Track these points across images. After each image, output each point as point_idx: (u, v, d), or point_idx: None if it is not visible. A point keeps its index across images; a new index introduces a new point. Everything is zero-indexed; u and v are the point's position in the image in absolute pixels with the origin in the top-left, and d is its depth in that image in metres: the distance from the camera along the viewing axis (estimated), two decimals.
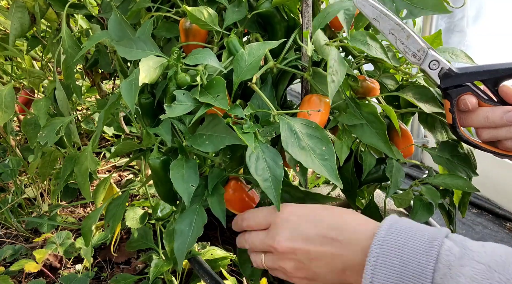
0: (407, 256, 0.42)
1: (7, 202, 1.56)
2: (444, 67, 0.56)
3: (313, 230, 0.48)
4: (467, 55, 0.70)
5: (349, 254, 0.46)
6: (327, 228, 0.47)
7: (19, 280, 1.33)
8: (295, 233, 0.48)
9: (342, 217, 0.48)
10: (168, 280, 1.20)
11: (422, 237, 0.43)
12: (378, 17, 0.54)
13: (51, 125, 0.85)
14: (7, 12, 0.96)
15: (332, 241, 0.47)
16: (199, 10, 0.58)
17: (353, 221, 0.48)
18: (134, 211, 1.19)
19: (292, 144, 0.50)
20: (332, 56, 0.54)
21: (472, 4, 1.47)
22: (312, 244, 0.47)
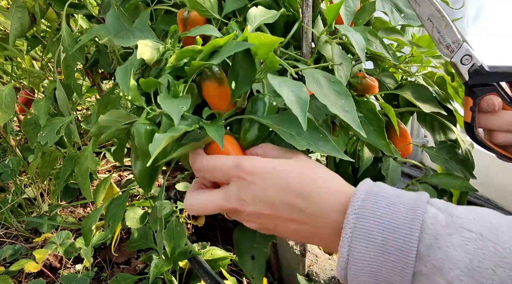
0: (388, 228, 0.37)
1: (7, 202, 1.56)
2: (475, 64, 0.53)
3: (279, 197, 0.42)
4: None
5: (318, 227, 0.42)
6: (295, 196, 0.42)
7: (19, 280, 1.33)
8: (260, 198, 0.43)
9: (312, 184, 0.42)
10: (168, 280, 1.20)
11: (402, 205, 0.38)
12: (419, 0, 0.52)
13: (51, 125, 0.85)
14: (7, 12, 0.96)
15: (300, 211, 0.42)
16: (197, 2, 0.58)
17: (323, 190, 0.42)
18: (134, 211, 1.19)
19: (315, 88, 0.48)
20: (336, 52, 0.55)
21: (472, 4, 1.47)
22: (278, 212, 0.43)
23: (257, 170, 0.43)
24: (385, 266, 0.37)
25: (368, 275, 0.38)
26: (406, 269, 0.36)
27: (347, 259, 0.39)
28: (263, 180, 0.43)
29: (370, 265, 0.38)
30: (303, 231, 0.43)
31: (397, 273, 0.37)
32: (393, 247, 0.37)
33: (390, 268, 0.37)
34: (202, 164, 0.46)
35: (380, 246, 0.37)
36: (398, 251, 0.36)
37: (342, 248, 0.39)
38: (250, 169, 0.43)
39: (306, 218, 0.42)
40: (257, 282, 0.58)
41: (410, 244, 0.36)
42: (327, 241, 0.43)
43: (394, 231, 0.37)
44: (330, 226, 0.42)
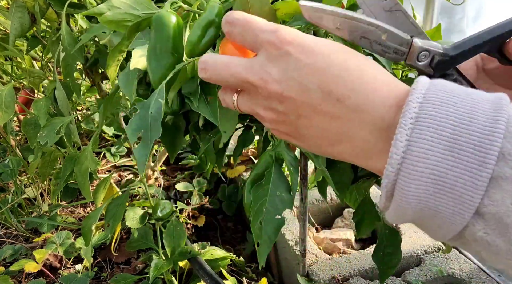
0: (462, 119, 0.28)
1: (7, 202, 1.56)
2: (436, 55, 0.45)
3: (314, 78, 0.33)
4: None
5: (354, 124, 0.33)
6: (337, 82, 0.32)
7: (19, 280, 1.33)
8: (290, 74, 0.33)
9: (358, 70, 0.33)
10: (168, 280, 1.20)
11: (480, 96, 0.29)
12: (342, 24, 0.42)
13: (51, 125, 0.86)
14: (7, 12, 0.96)
15: (337, 101, 0.33)
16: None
17: (372, 79, 0.33)
18: (134, 211, 1.19)
19: None
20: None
21: (472, 5, 1.48)
22: (308, 98, 0.33)
23: (297, 40, 0.34)
24: (453, 167, 0.28)
25: (427, 181, 0.28)
26: (482, 171, 0.27)
27: (402, 157, 0.29)
28: (301, 53, 0.33)
29: (433, 166, 0.28)
30: (331, 130, 0.34)
31: (468, 177, 0.27)
32: (468, 143, 0.27)
33: (460, 170, 0.28)
34: (237, 14, 0.37)
35: (450, 140, 0.28)
36: (475, 147, 0.27)
37: (397, 142, 0.29)
38: (289, 36, 0.34)
39: (342, 111, 0.33)
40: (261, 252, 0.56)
41: (492, 138, 0.27)
42: (361, 146, 0.33)
43: (471, 123, 0.28)
44: (373, 122, 0.32)
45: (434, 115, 0.28)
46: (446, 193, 0.28)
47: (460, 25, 1.51)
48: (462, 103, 0.29)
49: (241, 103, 0.38)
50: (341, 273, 1.09)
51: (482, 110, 0.28)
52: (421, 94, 0.30)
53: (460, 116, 0.28)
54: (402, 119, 0.29)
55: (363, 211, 0.79)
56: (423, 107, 0.29)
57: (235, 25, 0.36)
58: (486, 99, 0.29)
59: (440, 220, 0.29)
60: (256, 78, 0.34)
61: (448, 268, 1.11)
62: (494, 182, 0.27)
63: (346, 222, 1.41)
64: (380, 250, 0.79)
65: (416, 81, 0.31)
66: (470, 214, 0.28)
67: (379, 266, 0.80)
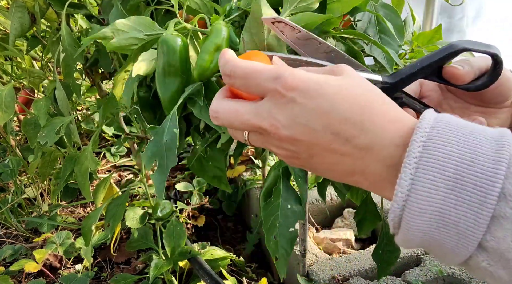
0: (464, 159, 0.29)
1: (7, 202, 1.56)
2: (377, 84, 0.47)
3: (322, 121, 0.34)
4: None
5: (365, 161, 0.34)
6: (342, 121, 0.33)
7: (19, 280, 1.33)
8: (298, 120, 0.34)
9: (365, 109, 0.34)
10: (168, 280, 1.20)
11: (483, 134, 0.30)
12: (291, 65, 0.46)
13: (51, 125, 0.86)
14: (7, 12, 0.96)
15: (346, 141, 0.34)
16: (195, 2, 0.58)
17: (379, 117, 0.33)
18: (134, 211, 1.19)
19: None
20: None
21: (471, 5, 1.48)
22: (317, 139, 0.34)
23: (300, 85, 0.34)
24: (456, 205, 0.29)
25: (431, 217, 0.30)
26: (484, 210, 0.28)
27: (406, 195, 0.30)
28: (305, 98, 0.34)
29: (436, 204, 0.29)
30: (343, 165, 0.35)
31: (471, 215, 0.29)
32: (469, 183, 0.29)
33: (462, 208, 0.29)
34: (234, 68, 0.37)
35: (452, 180, 0.29)
36: (476, 188, 0.29)
37: (401, 181, 0.30)
38: (292, 83, 0.34)
39: (352, 150, 0.34)
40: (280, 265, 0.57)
41: (494, 179, 0.28)
42: (373, 178, 0.35)
43: (473, 163, 0.29)
44: (382, 160, 0.33)
45: (437, 155, 0.30)
46: (450, 228, 0.30)
47: (460, 25, 1.51)
48: (465, 142, 0.30)
49: (253, 140, 0.39)
50: (341, 273, 1.09)
51: (485, 150, 0.29)
52: (425, 133, 0.31)
53: (462, 156, 0.29)
54: (406, 159, 0.30)
55: (365, 211, 0.80)
56: (426, 146, 0.30)
57: (235, 78, 0.37)
58: (489, 137, 0.30)
59: (445, 250, 0.31)
60: (266, 124, 0.36)
61: (448, 268, 1.11)
62: (496, 220, 0.28)
63: (346, 222, 1.41)
64: (380, 248, 0.79)
65: (422, 117, 0.32)
66: (473, 247, 0.29)
67: (378, 264, 0.80)
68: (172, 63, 0.48)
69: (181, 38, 0.48)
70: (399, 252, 0.78)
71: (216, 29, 0.48)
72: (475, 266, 0.30)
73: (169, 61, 0.48)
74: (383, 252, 0.79)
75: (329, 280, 1.07)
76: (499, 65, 0.45)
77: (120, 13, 0.65)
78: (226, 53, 0.39)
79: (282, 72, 0.35)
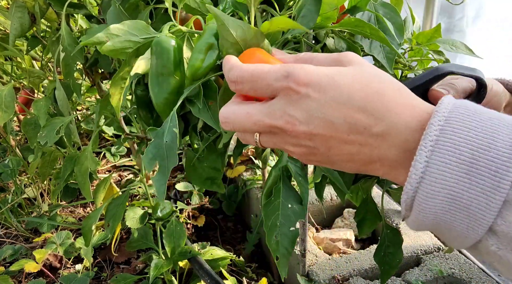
0: (481, 144, 0.29)
1: (7, 202, 1.56)
2: None
3: (338, 113, 0.34)
4: (466, 47, 0.69)
5: (383, 148, 0.34)
6: (358, 111, 0.34)
7: (19, 280, 1.33)
8: (315, 114, 0.34)
9: (380, 97, 0.34)
10: (168, 280, 1.20)
11: (501, 121, 0.30)
12: None
13: (51, 125, 0.86)
14: (7, 12, 0.96)
15: (363, 130, 0.34)
16: (194, 1, 0.58)
17: (394, 104, 0.34)
18: (134, 211, 1.19)
19: None
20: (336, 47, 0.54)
21: (471, 5, 1.48)
22: (336, 131, 0.34)
23: (313, 80, 0.34)
24: (469, 189, 0.29)
25: (443, 200, 0.30)
26: (496, 194, 0.29)
27: (420, 177, 0.30)
28: (319, 92, 0.34)
29: (449, 187, 0.30)
30: (361, 155, 0.35)
31: (483, 199, 0.29)
32: (484, 167, 0.29)
33: (475, 192, 0.29)
34: (240, 72, 0.37)
35: (467, 164, 0.29)
36: (491, 172, 0.29)
37: (416, 163, 0.30)
38: (304, 78, 0.34)
39: (369, 138, 0.34)
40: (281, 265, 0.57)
41: (509, 164, 0.28)
42: (389, 164, 0.35)
43: (489, 149, 0.29)
44: (398, 145, 0.33)
45: (453, 139, 0.30)
46: (461, 211, 0.30)
47: (460, 25, 1.51)
48: (483, 128, 0.30)
49: (265, 141, 0.39)
50: (341, 273, 1.09)
51: (502, 136, 0.29)
52: (444, 116, 0.31)
53: (479, 141, 0.29)
54: (422, 141, 0.31)
55: (365, 211, 0.79)
56: (443, 130, 0.30)
57: (243, 83, 0.37)
58: (507, 124, 0.30)
59: (455, 233, 0.31)
60: (282, 123, 0.35)
61: (448, 268, 1.11)
62: (508, 205, 0.29)
63: (346, 222, 1.41)
64: (382, 250, 0.79)
65: (440, 102, 0.32)
66: (483, 231, 0.30)
67: (381, 266, 0.80)
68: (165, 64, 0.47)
69: (175, 40, 0.48)
70: (402, 255, 0.78)
71: (210, 29, 0.48)
72: (484, 250, 0.31)
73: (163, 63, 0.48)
74: (385, 255, 0.79)
75: (329, 280, 1.07)
76: (484, 88, 0.46)
77: (118, 12, 0.65)
78: (230, 59, 0.39)
79: (292, 70, 0.35)
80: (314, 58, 0.39)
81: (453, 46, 0.67)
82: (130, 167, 1.95)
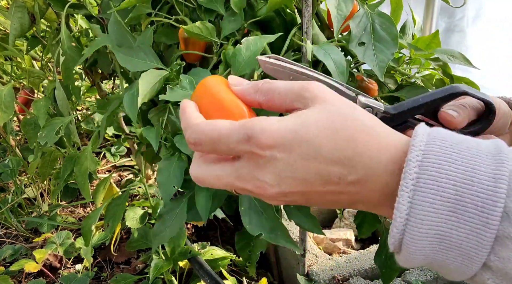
0: (463, 178, 0.28)
1: (7, 202, 1.56)
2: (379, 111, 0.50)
3: (310, 169, 0.32)
4: (465, 58, 0.69)
5: (363, 193, 0.33)
6: (331, 163, 0.32)
7: (19, 280, 1.33)
8: (284, 175, 0.32)
9: (350, 144, 0.32)
10: (168, 280, 1.20)
11: (480, 150, 0.29)
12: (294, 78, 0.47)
13: (51, 125, 0.86)
14: (7, 12, 0.96)
15: (339, 180, 0.32)
16: (196, 26, 0.59)
17: (366, 148, 0.32)
18: (134, 211, 1.19)
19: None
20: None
21: (471, 5, 1.47)
22: (311, 186, 0.33)
23: (277, 141, 0.32)
24: (458, 228, 0.28)
25: (432, 240, 0.29)
26: (487, 231, 0.28)
27: (406, 219, 0.29)
28: (285, 152, 0.32)
29: (437, 227, 0.29)
30: (342, 200, 0.34)
31: (473, 237, 0.28)
32: (470, 204, 0.28)
33: (464, 231, 0.28)
34: (197, 135, 0.34)
35: (453, 201, 0.28)
36: (478, 208, 0.28)
37: (399, 206, 0.29)
38: (266, 141, 0.32)
39: (346, 187, 0.33)
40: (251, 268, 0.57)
41: (495, 198, 0.27)
42: (374, 205, 0.34)
43: (473, 183, 0.28)
44: (379, 189, 0.32)
45: (434, 175, 0.29)
46: (452, 250, 0.29)
47: (460, 25, 1.51)
48: (463, 160, 0.29)
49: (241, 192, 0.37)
50: (341, 273, 1.09)
51: (484, 167, 0.28)
52: (421, 151, 0.30)
53: (461, 175, 0.29)
54: (403, 181, 0.29)
55: (364, 214, 0.79)
56: (423, 166, 0.29)
57: (202, 145, 0.34)
58: (486, 153, 0.29)
59: (449, 269, 0.31)
60: (251, 186, 0.34)
61: None
62: (500, 240, 0.28)
63: (346, 222, 1.41)
64: (382, 253, 0.79)
65: (415, 134, 0.31)
66: (477, 267, 0.29)
67: (382, 270, 0.79)
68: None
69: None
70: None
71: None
72: (481, 282, 0.30)
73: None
74: (386, 258, 0.79)
75: (329, 280, 1.07)
76: (492, 114, 0.47)
77: (119, 22, 0.65)
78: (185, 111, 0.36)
79: (252, 133, 0.32)
80: (276, 90, 0.36)
81: (451, 57, 0.67)
82: (130, 167, 1.95)
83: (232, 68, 0.56)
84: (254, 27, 0.66)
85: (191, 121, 0.35)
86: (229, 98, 0.37)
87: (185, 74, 0.58)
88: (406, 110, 0.48)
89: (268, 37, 0.56)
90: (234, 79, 0.39)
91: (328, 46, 0.56)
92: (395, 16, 0.74)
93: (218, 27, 0.63)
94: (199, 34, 0.59)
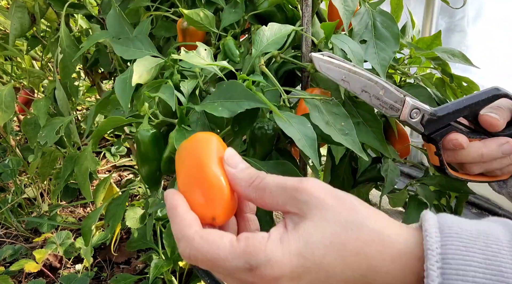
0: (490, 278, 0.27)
1: (7, 202, 1.56)
2: (425, 114, 0.51)
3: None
4: (465, 57, 0.69)
5: None
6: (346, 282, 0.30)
7: (19, 280, 1.33)
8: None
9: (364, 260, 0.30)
10: (168, 280, 1.20)
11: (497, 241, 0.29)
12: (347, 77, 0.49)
13: (51, 125, 0.86)
14: (7, 12, 0.96)
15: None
16: (196, 13, 0.58)
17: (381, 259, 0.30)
18: (134, 211, 1.19)
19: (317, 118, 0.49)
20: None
21: (472, 4, 1.47)
22: None
23: (284, 272, 0.29)
24: None
25: None
26: None
27: None
28: (292, 280, 0.30)
29: None
30: None
31: None
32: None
33: None
34: (192, 251, 0.31)
35: None
36: None
37: None
38: (273, 273, 0.29)
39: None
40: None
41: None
42: None
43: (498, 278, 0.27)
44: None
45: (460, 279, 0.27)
46: None
47: (461, 24, 1.51)
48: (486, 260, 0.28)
49: None
50: None
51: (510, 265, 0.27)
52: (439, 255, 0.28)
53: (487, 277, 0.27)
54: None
55: None
56: (445, 275, 0.27)
57: (197, 262, 0.31)
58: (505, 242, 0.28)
59: None
60: None
61: None
62: None
63: None
64: None
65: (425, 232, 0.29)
66: None
67: None
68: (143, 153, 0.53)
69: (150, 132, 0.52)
70: None
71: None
72: None
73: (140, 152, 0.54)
74: None
75: None
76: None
77: (117, 15, 0.65)
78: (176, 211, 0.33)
79: (255, 262, 0.29)
80: (267, 188, 0.33)
81: (451, 56, 0.67)
82: (130, 167, 1.95)
83: (253, 45, 0.55)
84: (254, 21, 0.66)
85: (185, 231, 0.32)
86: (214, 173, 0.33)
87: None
88: (450, 113, 0.51)
89: (290, 26, 0.56)
90: (230, 157, 0.35)
91: (344, 36, 0.56)
92: (395, 16, 0.74)
93: (218, 21, 0.63)
94: (199, 22, 0.58)
